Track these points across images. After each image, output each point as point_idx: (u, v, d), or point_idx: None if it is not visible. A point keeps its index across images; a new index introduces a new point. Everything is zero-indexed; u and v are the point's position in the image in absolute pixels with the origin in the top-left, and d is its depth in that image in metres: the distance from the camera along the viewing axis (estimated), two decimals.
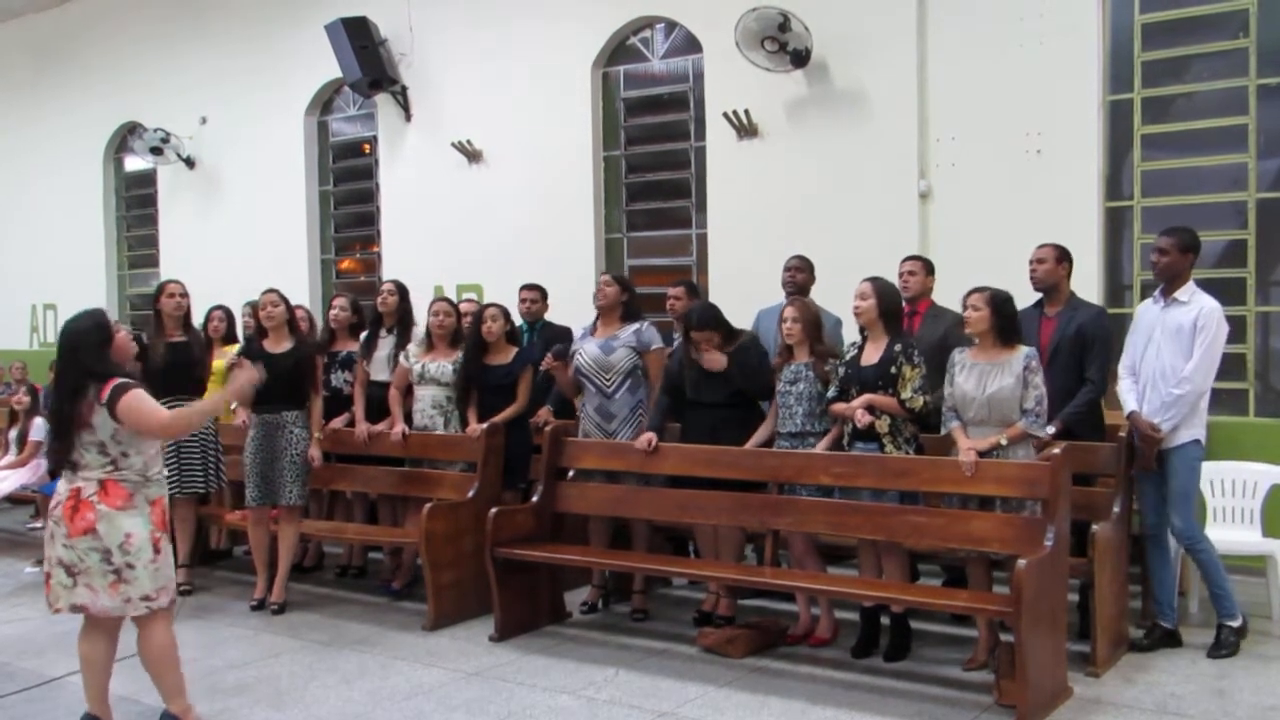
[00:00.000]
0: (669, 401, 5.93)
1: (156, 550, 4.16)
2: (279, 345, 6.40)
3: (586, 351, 6.18)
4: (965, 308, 5.09)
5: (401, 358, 6.72)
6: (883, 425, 5.19)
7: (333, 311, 7.18)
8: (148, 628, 4.22)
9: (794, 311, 5.61)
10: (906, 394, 5.17)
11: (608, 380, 6.12)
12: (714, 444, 5.65)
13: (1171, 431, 5.14)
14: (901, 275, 6.15)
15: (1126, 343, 5.43)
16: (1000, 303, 5.03)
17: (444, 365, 6.57)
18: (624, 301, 6.24)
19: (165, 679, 4.30)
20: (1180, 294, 5.21)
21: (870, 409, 5.18)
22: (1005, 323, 5.03)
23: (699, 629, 5.68)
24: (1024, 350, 5.00)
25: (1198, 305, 5.16)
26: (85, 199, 12.83)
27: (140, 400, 4.09)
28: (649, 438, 5.78)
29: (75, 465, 4.13)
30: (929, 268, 6.26)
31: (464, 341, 6.61)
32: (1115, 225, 7.12)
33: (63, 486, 4.20)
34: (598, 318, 6.31)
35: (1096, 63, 7.00)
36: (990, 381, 4.97)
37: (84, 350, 4.11)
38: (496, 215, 9.44)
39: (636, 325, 6.21)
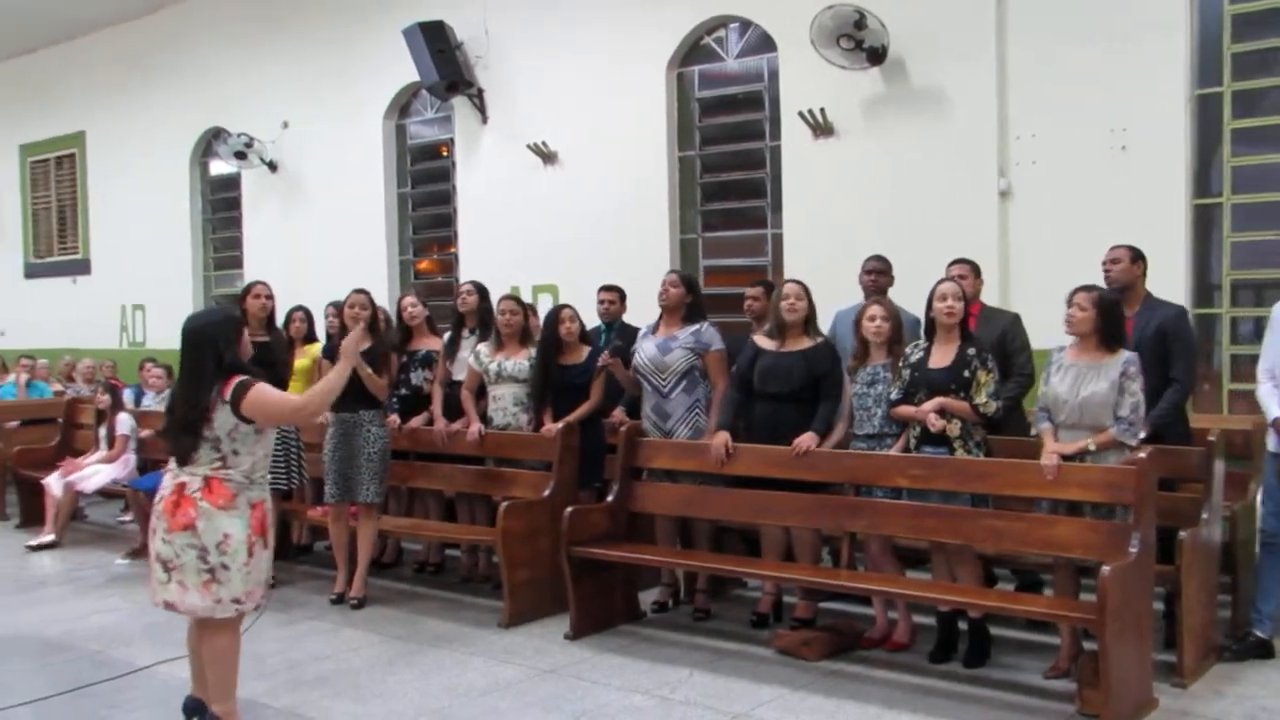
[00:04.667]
0: (740, 398, 5.89)
1: (250, 554, 4.19)
2: (360, 345, 6.46)
3: (644, 351, 6.18)
4: (1070, 305, 4.94)
5: (471, 359, 6.75)
6: (953, 429, 5.12)
7: (407, 310, 7.20)
8: (218, 627, 4.23)
9: (883, 310, 5.54)
10: (981, 398, 5.09)
11: (663, 380, 6.12)
12: (774, 439, 5.63)
13: None
14: (952, 279, 6.06)
15: (1265, 344, 5.27)
16: (1107, 304, 4.88)
17: (520, 362, 6.60)
18: (688, 302, 6.21)
19: (219, 678, 4.28)
20: None
21: (941, 412, 5.11)
22: (1110, 325, 4.86)
23: (775, 631, 5.65)
24: (1125, 355, 4.84)
25: None
26: (173, 202, 13.10)
27: (266, 393, 4.14)
28: (723, 440, 5.75)
29: (187, 459, 4.16)
30: (977, 270, 6.18)
31: (532, 338, 6.67)
32: (1203, 223, 6.93)
33: (168, 480, 4.22)
34: (661, 316, 6.31)
35: (1184, 56, 6.81)
36: (1085, 385, 4.83)
37: (221, 343, 4.16)
38: (571, 216, 9.46)
39: (696, 326, 6.17)
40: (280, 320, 7.36)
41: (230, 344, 4.20)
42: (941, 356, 5.24)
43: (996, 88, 7.34)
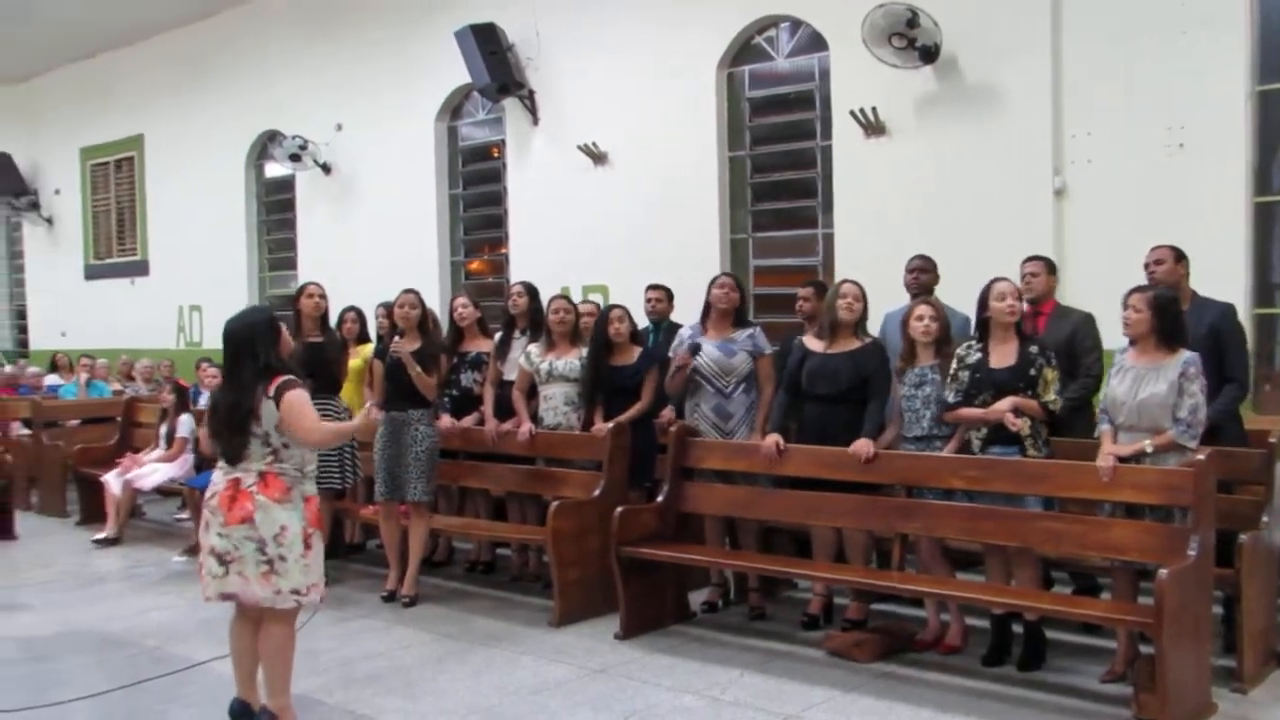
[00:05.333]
0: (790, 400, 5.89)
1: (307, 546, 4.24)
2: (409, 345, 6.53)
3: (706, 353, 6.17)
4: (1125, 308, 4.89)
5: (522, 360, 6.76)
6: (1024, 427, 5.07)
7: (458, 311, 7.19)
8: (276, 620, 4.27)
9: (931, 310, 5.52)
10: (1050, 396, 5.06)
11: (726, 382, 6.13)
12: (823, 440, 5.64)
13: None
14: (1024, 277, 6.00)
15: None
16: (1163, 304, 4.79)
17: (571, 361, 6.61)
18: (738, 306, 6.26)
19: (275, 672, 4.30)
20: None
21: (1016, 412, 5.06)
22: (1167, 325, 4.78)
23: (826, 632, 5.63)
24: (1184, 355, 4.75)
25: None
26: (229, 204, 13.29)
27: (302, 402, 4.19)
28: (775, 440, 5.74)
29: (236, 458, 4.22)
30: (1051, 267, 6.10)
31: (582, 338, 6.68)
32: (1264, 221, 6.79)
33: (219, 477, 4.28)
34: (706, 317, 6.29)
35: (1244, 52, 6.69)
36: (1143, 386, 4.76)
37: (259, 343, 4.22)
38: (622, 216, 9.47)
39: (750, 330, 6.22)
40: (333, 321, 7.45)
41: (269, 344, 4.24)
42: (1002, 356, 5.20)
43: (1051, 85, 7.25)
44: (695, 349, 6.15)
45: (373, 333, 8.08)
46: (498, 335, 7.16)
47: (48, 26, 13.60)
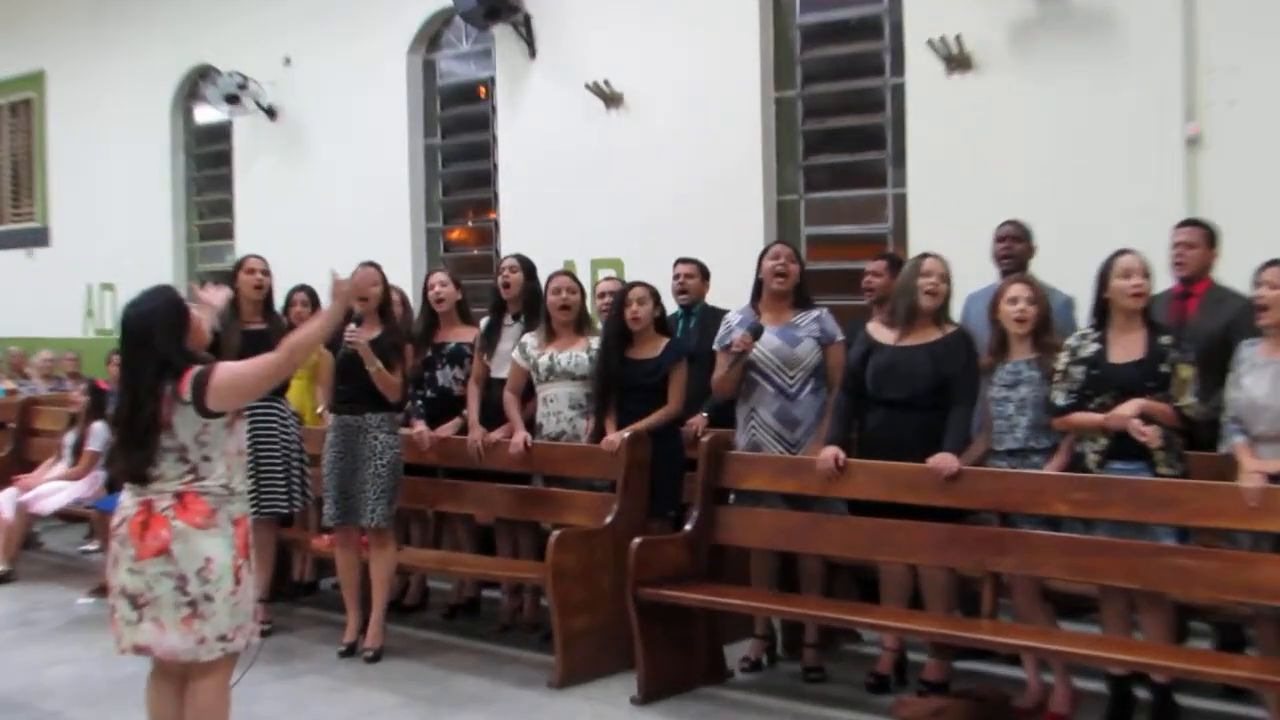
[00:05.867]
0: (851, 403, 5.88)
1: (238, 580, 4.21)
2: (366, 333, 6.51)
3: (764, 343, 6.10)
4: (1258, 285, 4.86)
5: (515, 353, 6.79)
6: (1155, 438, 4.99)
7: (433, 291, 7.21)
8: (203, 675, 4.23)
9: (1026, 290, 5.50)
10: (1186, 399, 5.02)
11: (791, 378, 6.07)
12: (894, 455, 5.62)
13: None
14: (1176, 247, 5.95)
15: None
16: None
17: (577, 355, 6.62)
18: (798, 284, 6.21)
19: None
20: None
21: (1145, 418, 5.01)
22: None
23: (897, 697, 5.58)
24: None
25: None
26: (149, 159, 13.33)
27: (232, 371, 4.15)
28: (834, 454, 5.71)
29: (146, 477, 4.18)
30: (1210, 237, 5.99)
31: (591, 325, 6.72)
32: None
33: (128, 500, 4.23)
34: (758, 299, 6.28)
35: None
36: None
37: (160, 335, 4.18)
38: (641, 174, 9.46)
39: (815, 312, 6.18)
40: (280, 303, 7.44)
41: (175, 335, 4.20)
42: (1126, 348, 5.18)
43: (1183, 11, 7.23)
44: (757, 331, 6.08)
45: None
46: (484, 322, 7.14)
47: None
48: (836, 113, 8.94)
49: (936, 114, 8.15)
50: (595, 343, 6.61)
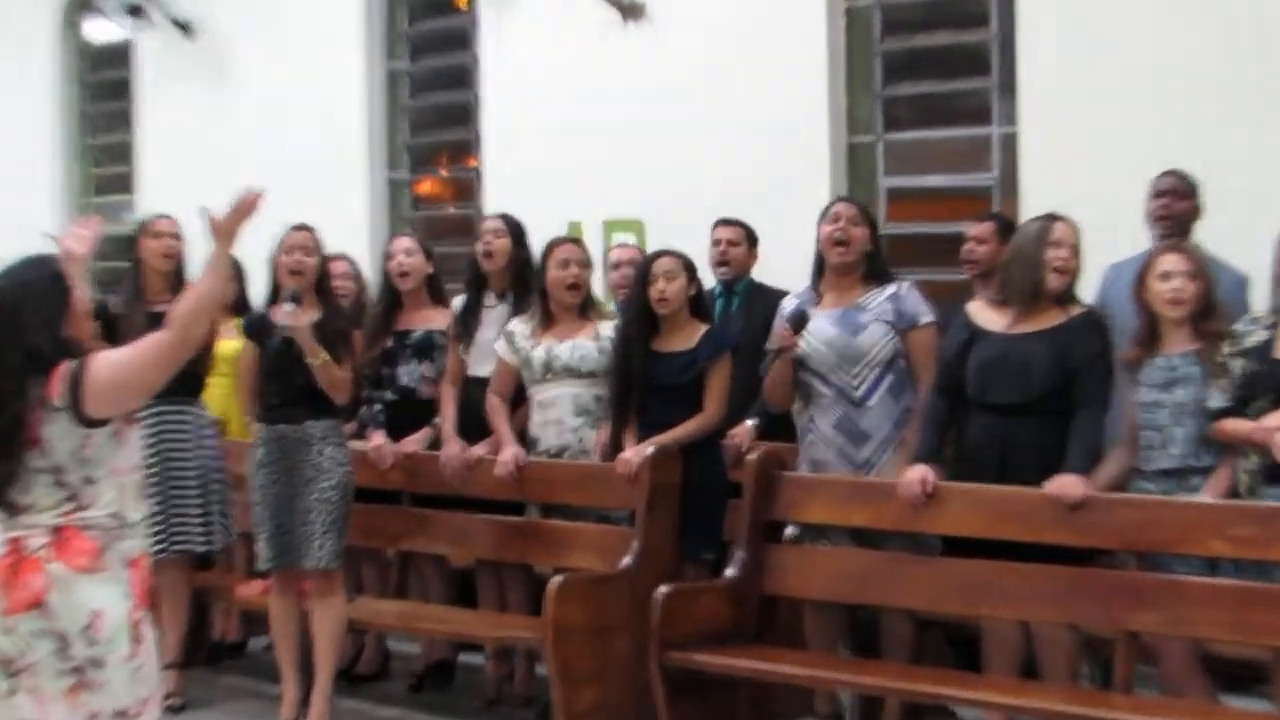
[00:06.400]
0: (947, 407, 5.89)
1: (137, 640, 4.15)
2: (304, 317, 6.53)
3: (814, 332, 6.11)
4: None
5: (501, 345, 6.81)
6: None
7: (394, 263, 7.24)
8: None
9: (1184, 263, 5.48)
10: None
11: (855, 378, 6.07)
12: (1001, 476, 5.63)
13: None
14: None
15: None
16: None
17: (583, 345, 6.63)
18: (869, 250, 6.19)
19: None
20: None
21: None
22: None
23: None
24: None
25: None
26: (25, 90, 13.32)
27: (111, 363, 4.04)
28: (921, 475, 5.68)
29: (14, 506, 4.14)
30: None
31: (601, 308, 6.85)
32: None
33: None
34: (820, 275, 6.27)
35: None
36: None
37: (31, 320, 4.12)
38: (669, 108, 9.39)
39: (890, 288, 6.16)
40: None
41: (50, 319, 4.15)
42: None
43: None
44: (799, 320, 6.06)
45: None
46: (458, 302, 7.16)
47: None
48: (926, 26, 8.91)
49: (1058, 27, 8.07)
50: (606, 330, 6.65)
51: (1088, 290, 6.25)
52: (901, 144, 9.01)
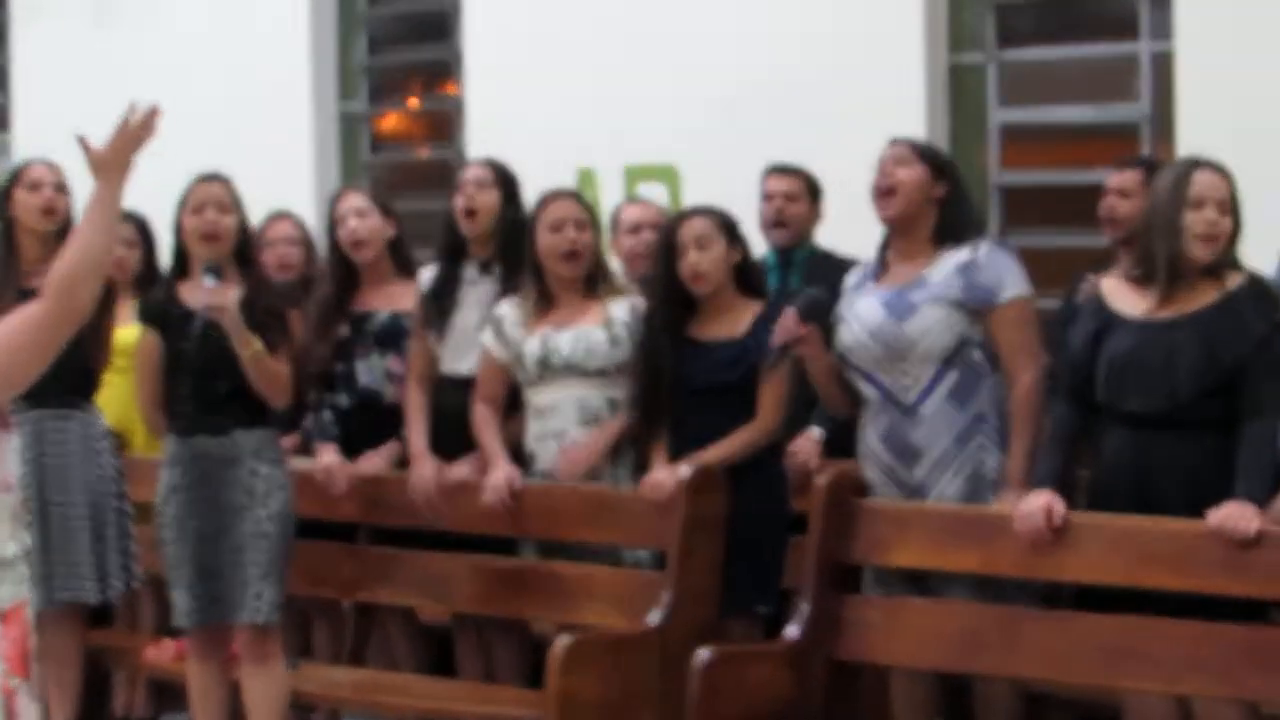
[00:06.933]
0: (1076, 417, 5.87)
1: (12, 714, 4.20)
2: (225, 294, 6.56)
3: (860, 317, 6.16)
4: None
5: (488, 336, 6.86)
6: None
7: (345, 228, 7.27)
8: None
9: None
10: None
11: (905, 375, 6.10)
12: (1144, 505, 5.63)
13: None
14: None
15: None
16: None
17: (589, 334, 6.67)
18: (939, 198, 6.19)
19: None
20: None
21: None
22: None
23: None
24: None
25: None
26: None
27: None
28: (1045, 505, 5.66)
29: None
30: None
31: (615, 282, 6.85)
32: None
33: None
34: (887, 244, 6.31)
35: None
36: None
37: None
38: (711, 20, 9.45)
39: (964, 252, 6.14)
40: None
41: None
42: None
43: None
44: (811, 306, 6.08)
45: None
46: (428, 275, 7.21)
47: None
48: None
49: None
50: (619, 312, 6.68)
51: (1264, 256, 6.22)
52: (1020, 65, 9.01)
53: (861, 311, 6.13)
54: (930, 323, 6.03)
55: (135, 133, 4.29)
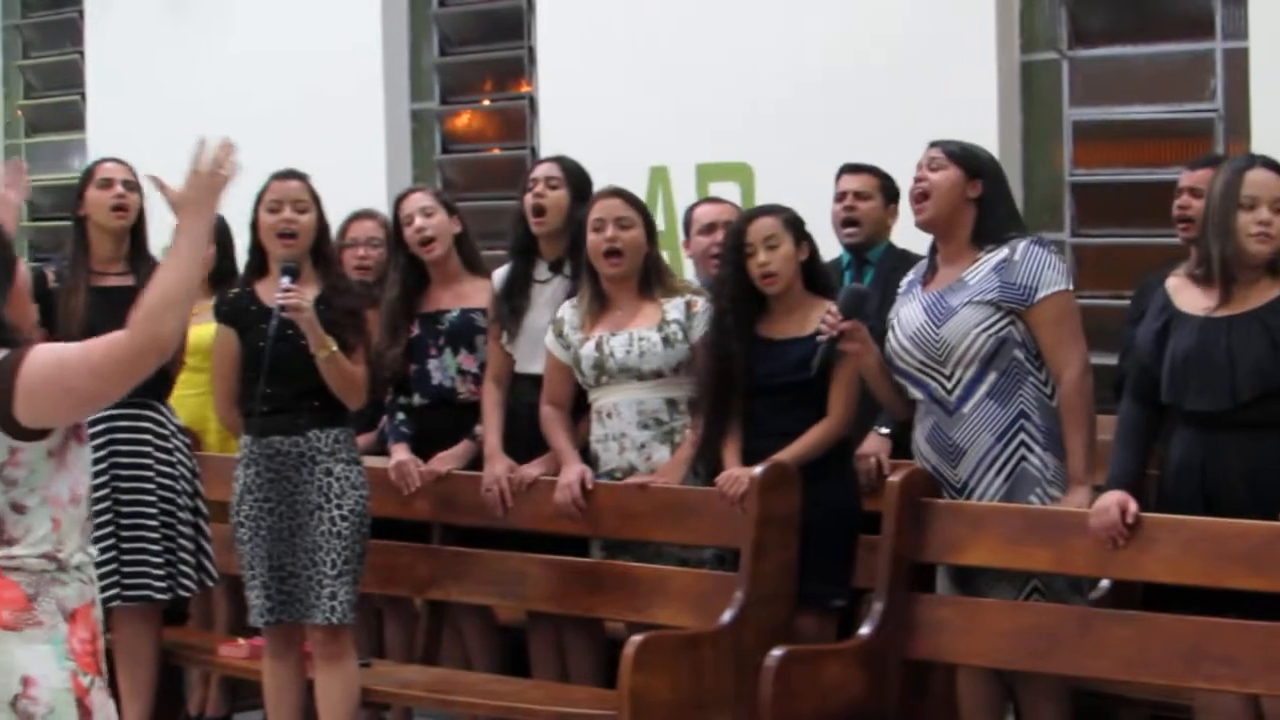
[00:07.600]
0: (1147, 418, 5.87)
1: (86, 713, 4.10)
2: (302, 294, 6.59)
3: (902, 323, 6.21)
4: None
5: (550, 338, 6.87)
6: None
7: (411, 227, 7.26)
8: None
9: None
10: None
11: (948, 378, 6.11)
12: (1216, 506, 5.61)
13: None
14: None
15: None
16: None
17: (643, 336, 6.68)
18: (975, 198, 6.19)
19: None
20: None
21: None
22: None
23: None
24: None
25: None
26: None
27: (57, 360, 3.99)
28: (1118, 502, 5.65)
29: None
30: None
31: (666, 280, 6.79)
32: None
33: None
34: (935, 247, 6.36)
35: None
36: None
37: None
38: (788, 19, 9.43)
39: (1002, 252, 6.14)
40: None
41: None
42: None
43: None
44: (852, 303, 6.12)
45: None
46: (501, 275, 7.20)
47: None
48: None
49: None
50: (674, 311, 6.69)
51: None
52: (1093, 63, 8.95)
53: (904, 317, 6.19)
54: (968, 326, 6.07)
55: (217, 176, 4.25)
